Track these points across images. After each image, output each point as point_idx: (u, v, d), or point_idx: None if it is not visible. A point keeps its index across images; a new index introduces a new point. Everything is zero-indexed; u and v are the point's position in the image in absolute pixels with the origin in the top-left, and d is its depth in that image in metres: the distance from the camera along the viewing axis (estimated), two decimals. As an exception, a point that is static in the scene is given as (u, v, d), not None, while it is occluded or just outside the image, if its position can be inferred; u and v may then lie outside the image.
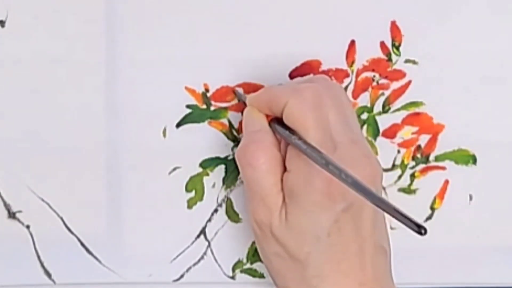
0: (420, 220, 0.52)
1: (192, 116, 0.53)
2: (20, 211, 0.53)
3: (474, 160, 0.53)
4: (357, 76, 0.53)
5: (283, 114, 0.47)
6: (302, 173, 0.45)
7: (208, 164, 0.53)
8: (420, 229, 0.37)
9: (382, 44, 0.53)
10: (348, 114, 0.47)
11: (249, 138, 0.48)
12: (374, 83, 0.53)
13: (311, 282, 0.46)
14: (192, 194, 0.53)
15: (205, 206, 0.53)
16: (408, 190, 0.54)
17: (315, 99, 0.46)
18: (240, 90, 0.52)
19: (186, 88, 0.52)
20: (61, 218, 0.53)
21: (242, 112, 0.51)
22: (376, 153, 0.53)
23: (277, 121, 0.48)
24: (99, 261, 0.53)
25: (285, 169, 0.47)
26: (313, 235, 0.45)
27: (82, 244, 0.53)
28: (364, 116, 0.53)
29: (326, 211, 0.45)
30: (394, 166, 0.54)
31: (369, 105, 0.53)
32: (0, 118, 0.52)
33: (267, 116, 0.48)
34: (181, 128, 0.53)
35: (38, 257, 0.53)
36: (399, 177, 0.54)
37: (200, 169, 0.53)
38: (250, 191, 0.47)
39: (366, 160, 0.46)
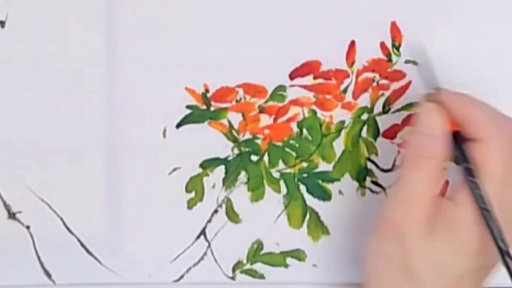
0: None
1: (192, 117, 0.53)
2: (20, 212, 0.53)
3: (474, 160, 0.53)
4: (357, 76, 0.53)
5: (472, 144, 0.44)
6: (470, 214, 0.43)
7: (208, 164, 0.53)
8: None
9: (382, 45, 0.53)
10: None
11: (427, 139, 0.45)
12: (374, 84, 0.53)
13: None
14: (192, 194, 0.53)
15: (205, 207, 0.53)
16: (408, 191, 0.54)
17: (510, 149, 0.43)
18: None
19: (186, 88, 0.52)
20: (61, 218, 0.53)
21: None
22: (376, 153, 0.53)
23: (457, 137, 0.45)
24: (99, 262, 0.53)
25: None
26: (441, 269, 0.44)
27: (82, 244, 0.53)
28: (364, 116, 0.53)
29: (469, 259, 0.44)
30: (394, 167, 0.53)
31: (369, 105, 0.53)
32: (0, 118, 0.52)
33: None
34: (181, 128, 0.53)
35: (38, 257, 0.53)
36: (399, 177, 0.54)
37: (200, 170, 0.53)
38: (400, 189, 0.45)
39: None
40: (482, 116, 0.44)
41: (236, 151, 0.53)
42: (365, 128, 0.53)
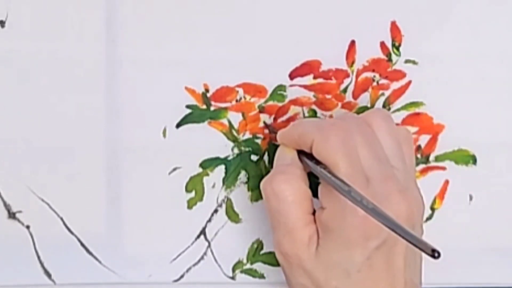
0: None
1: (192, 116, 0.53)
2: (20, 211, 0.53)
3: (474, 160, 0.53)
4: (357, 76, 0.53)
5: (312, 151, 0.47)
6: (336, 210, 0.45)
7: (208, 164, 0.53)
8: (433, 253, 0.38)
9: (382, 44, 0.53)
10: (382, 150, 0.47)
11: (277, 169, 0.48)
12: (374, 83, 0.53)
13: None
14: (192, 194, 0.53)
15: (205, 206, 0.53)
16: (408, 190, 0.54)
17: (342, 135, 0.46)
18: (268, 120, 0.53)
19: (186, 88, 0.52)
20: (61, 218, 0.53)
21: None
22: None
23: (307, 156, 0.48)
24: (99, 261, 0.53)
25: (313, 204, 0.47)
26: (343, 270, 0.45)
27: (82, 244, 0.53)
28: (364, 116, 0.53)
29: (360, 247, 0.45)
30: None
31: (369, 105, 0.53)
32: (0, 117, 0.52)
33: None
34: (181, 128, 0.53)
35: (38, 257, 0.53)
36: (399, 177, 0.54)
37: (200, 169, 0.53)
38: (274, 222, 0.47)
39: (401, 196, 0.45)
40: (302, 131, 0.48)
41: (236, 150, 0.53)
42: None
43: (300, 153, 0.48)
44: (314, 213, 0.47)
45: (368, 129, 0.47)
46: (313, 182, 0.48)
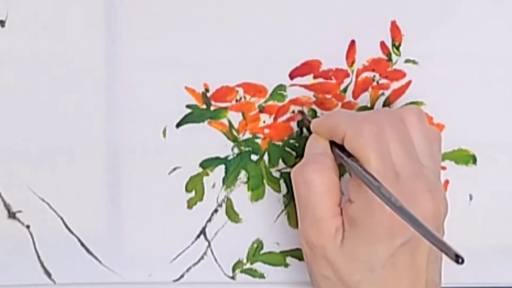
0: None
1: (192, 116, 0.53)
2: (20, 211, 0.53)
3: (474, 160, 0.53)
4: (357, 76, 0.53)
5: (344, 144, 0.47)
6: (364, 204, 0.45)
7: (208, 164, 0.53)
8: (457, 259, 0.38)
9: (382, 44, 0.53)
10: (413, 147, 0.47)
11: (309, 158, 0.48)
12: (374, 83, 0.53)
13: None
14: (192, 194, 0.53)
15: (205, 206, 0.53)
16: (408, 190, 0.54)
17: (375, 130, 0.46)
18: (305, 110, 0.53)
19: (186, 88, 0.52)
20: (61, 218, 0.53)
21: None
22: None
23: (338, 147, 0.47)
24: (99, 261, 0.53)
25: (342, 195, 0.47)
26: (367, 265, 0.45)
27: (82, 244, 0.53)
28: (364, 116, 0.53)
29: (385, 244, 0.45)
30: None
31: (369, 105, 0.53)
32: (0, 117, 0.52)
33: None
34: (181, 128, 0.53)
35: (38, 257, 0.53)
36: (399, 177, 0.54)
37: (200, 169, 0.53)
38: (302, 211, 0.47)
39: (429, 196, 0.45)
40: (336, 122, 0.47)
41: (236, 150, 0.53)
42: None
43: (332, 144, 0.48)
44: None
45: (401, 125, 0.47)
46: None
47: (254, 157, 0.53)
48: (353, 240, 0.46)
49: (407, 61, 0.53)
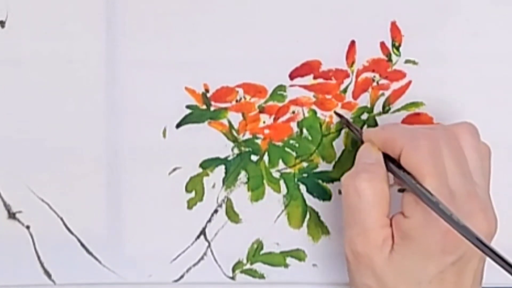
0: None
1: (192, 117, 0.53)
2: (20, 211, 0.53)
3: (474, 160, 0.53)
4: (357, 76, 0.53)
5: (400, 158, 0.46)
6: (420, 220, 0.45)
7: (208, 164, 0.53)
8: None
9: (382, 45, 0.53)
10: (467, 165, 0.47)
11: (361, 167, 0.48)
12: (374, 84, 0.53)
13: None
14: (192, 194, 0.53)
15: (205, 207, 0.53)
16: (408, 191, 0.54)
17: (432, 147, 0.45)
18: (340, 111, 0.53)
19: (186, 88, 0.52)
20: (61, 218, 0.53)
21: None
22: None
23: (391, 161, 0.47)
24: (99, 261, 0.53)
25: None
26: (415, 279, 0.45)
27: (82, 244, 0.53)
28: (364, 116, 0.53)
29: (436, 260, 0.45)
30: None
31: (369, 105, 0.53)
32: (0, 118, 0.52)
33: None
34: (181, 128, 0.53)
35: (38, 257, 0.53)
36: (399, 177, 0.54)
37: (200, 170, 0.53)
38: (350, 219, 0.47)
39: (483, 215, 0.45)
40: (392, 136, 0.47)
41: (236, 151, 0.53)
42: (365, 128, 0.53)
43: (385, 157, 0.48)
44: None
45: (456, 142, 0.47)
46: None
47: (254, 158, 0.53)
48: (404, 254, 0.46)
49: (407, 61, 0.53)
